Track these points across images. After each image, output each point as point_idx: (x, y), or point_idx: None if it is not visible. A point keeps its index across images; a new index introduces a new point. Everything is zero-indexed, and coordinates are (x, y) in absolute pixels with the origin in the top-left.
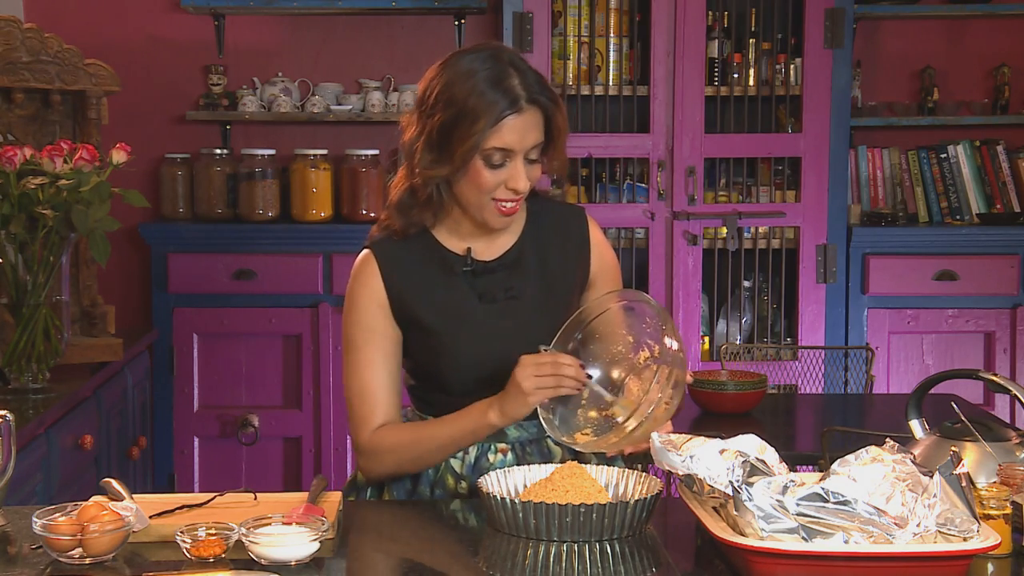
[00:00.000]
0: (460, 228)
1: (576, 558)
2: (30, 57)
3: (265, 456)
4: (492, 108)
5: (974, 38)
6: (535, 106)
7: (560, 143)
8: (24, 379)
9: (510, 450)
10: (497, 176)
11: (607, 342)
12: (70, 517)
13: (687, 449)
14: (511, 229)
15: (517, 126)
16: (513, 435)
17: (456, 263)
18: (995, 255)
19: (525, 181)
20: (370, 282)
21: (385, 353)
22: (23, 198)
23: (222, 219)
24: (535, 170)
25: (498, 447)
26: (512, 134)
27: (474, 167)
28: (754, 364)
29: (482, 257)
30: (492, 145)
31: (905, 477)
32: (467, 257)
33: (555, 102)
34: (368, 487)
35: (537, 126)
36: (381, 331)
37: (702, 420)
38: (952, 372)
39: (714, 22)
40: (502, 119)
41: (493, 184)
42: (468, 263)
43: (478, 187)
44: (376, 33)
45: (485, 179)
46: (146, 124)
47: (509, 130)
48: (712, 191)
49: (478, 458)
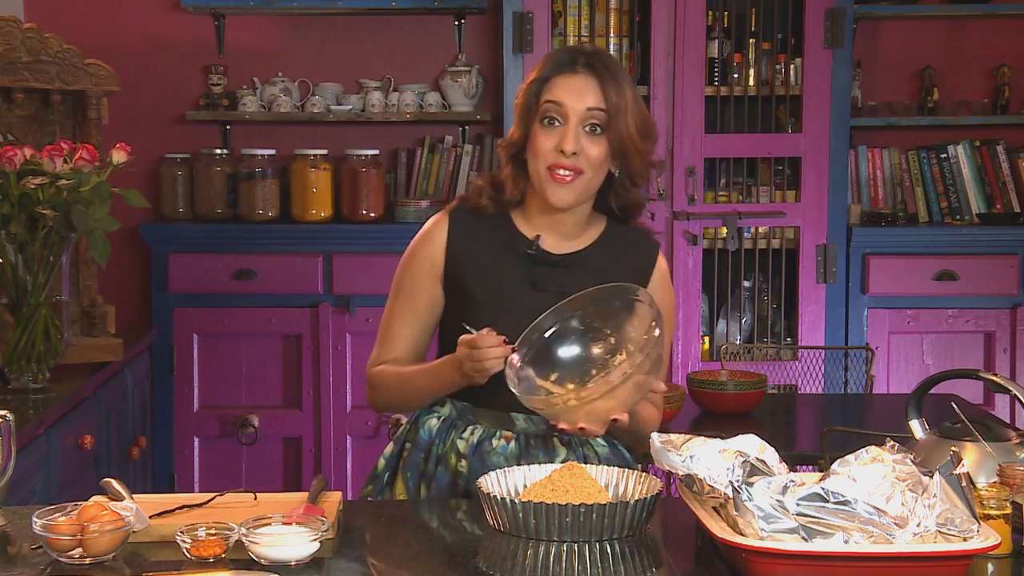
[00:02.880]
0: (534, 217)
1: (576, 558)
2: (30, 57)
3: (265, 456)
4: (550, 66)
5: (974, 38)
6: (590, 71)
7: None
8: (24, 379)
9: (514, 439)
10: (551, 138)
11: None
12: (70, 517)
13: (687, 449)
14: (586, 234)
15: (570, 84)
16: (521, 426)
17: (522, 244)
18: (995, 255)
19: (573, 143)
20: (433, 242)
21: (417, 310)
22: (23, 198)
23: (222, 219)
24: (593, 144)
25: (503, 434)
26: (564, 90)
27: (534, 130)
28: (754, 364)
29: (550, 249)
30: (548, 99)
31: (905, 477)
32: (534, 242)
33: (614, 76)
34: (386, 472)
35: (593, 91)
36: (422, 290)
37: (702, 420)
38: (952, 372)
39: (714, 22)
40: (555, 75)
41: (548, 148)
42: (533, 247)
43: (536, 153)
44: (376, 33)
45: (541, 141)
46: (146, 124)
47: (562, 86)
48: (712, 191)
49: (481, 441)
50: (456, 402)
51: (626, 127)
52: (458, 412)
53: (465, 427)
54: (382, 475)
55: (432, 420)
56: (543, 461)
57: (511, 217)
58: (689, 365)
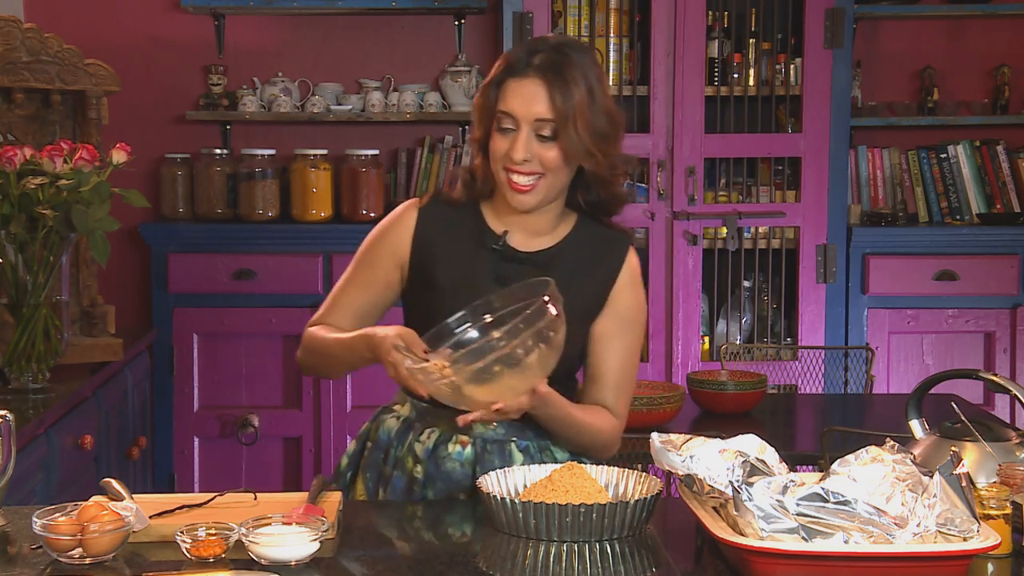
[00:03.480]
0: (503, 212)
1: (576, 558)
2: (30, 57)
3: (265, 456)
4: (503, 66)
5: (974, 38)
6: (539, 76)
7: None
8: (24, 379)
9: (471, 444)
10: (505, 143)
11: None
12: (70, 517)
13: (687, 449)
14: (555, 231)
15: (518, 91)
16: (479, 430)
17: (489, 238)
18: (995, 255)
19: (521, 151)
20: (400, 227)
21: (368, 284)
22: (23, 198)
23: (222, 219)
24: (545, 149)
25: (460, 438)
26: (514, 99)
27: (492, 132)
28: (754, 364)
29: (517, 246)
30: (500, 108)
31: (905, 477)
32: (501, 237)
33: (564, 80)
34: (348, 471)
35: (541, 98)
36: (380, 266)
37: (702, 420)
38: (952, 372)
39: (714, 22)
40: (506, 79)
41: (502, 152)
42: (499, 243)
43: (494, 156)
44: (376, 33)
45: (496, 145)
46: (146, 124)
47: (512, 94)
48: (712, 191)
49: (437, 445)
50: (416, 402)
51: (576, 131)
52: (417, 413)
53: (423, 430)
54: (344, 474)
55: (391, 420)
56: (499, 466)
57: (481, 210)
58: (689, 365)
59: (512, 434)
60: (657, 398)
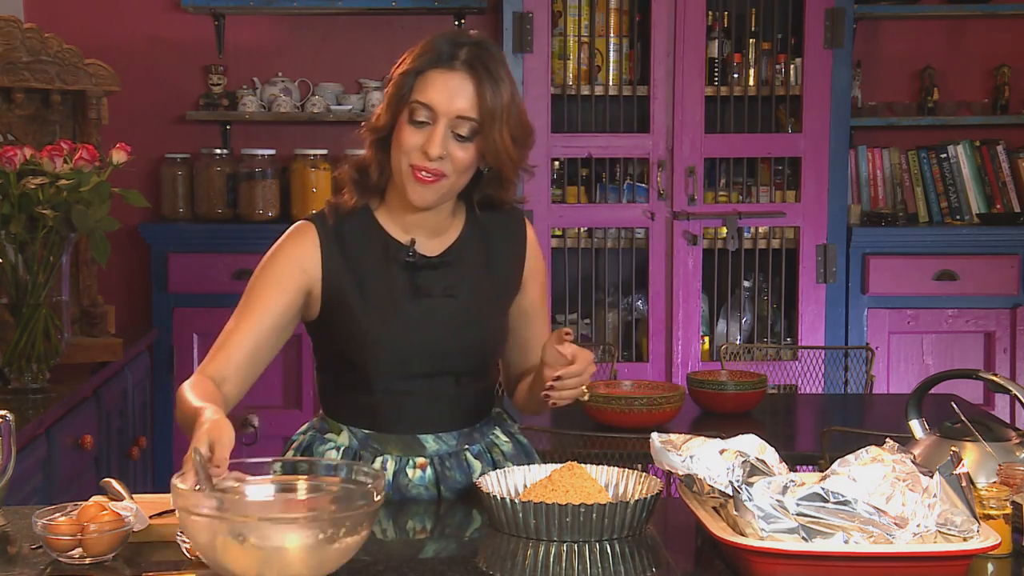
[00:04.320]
0: (401, 216)
1: (576, 558)
2: (30, 57)
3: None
4: (426, 57)
5: (974, 38)
6: (468, 71)
7: (493, 128)
8: (24, 379)
9: (429, 465)
10: (417, 136)
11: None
12: (70, 517)
13: (687, 449)
14: (453, 225)
15: (443, 83)
16: (432, 448)
17: (398, 251)
18: (995, 255)
19: (439, 147)
20: (304, 247)
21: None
22: (23, 198)
23: (222, 219)
24: (460, 149)
25: (416, 462)
26: (436, 92)
27: (400, 122)
28: (754, 364)
29: (423, 251)
30: (416, 98)
31: (905, 477)
32: (411, 248)
33: (493, 78)
34: None
35: (466, 95)
36: (281, 294)
37: (702, 420)
38: (952, 372)
39: (714, 22)
40: (429, 69)
41: (412, 144)
42: (411, 254)
43: (399, 145)
44: (376, 33)
45: (406, 137)
46: (146, 124)
47: (434, 85)
48: (712, 191)
49: (396, 473)
50: (355, 430)
51: (499, 134)
52: (360, 441)
53: (373, 458)
54: None
55: (331, 452)
56: (460, 480)
57: (376, 219)
58: (689, 365)
59: (463, 442)
60: (657, 398)
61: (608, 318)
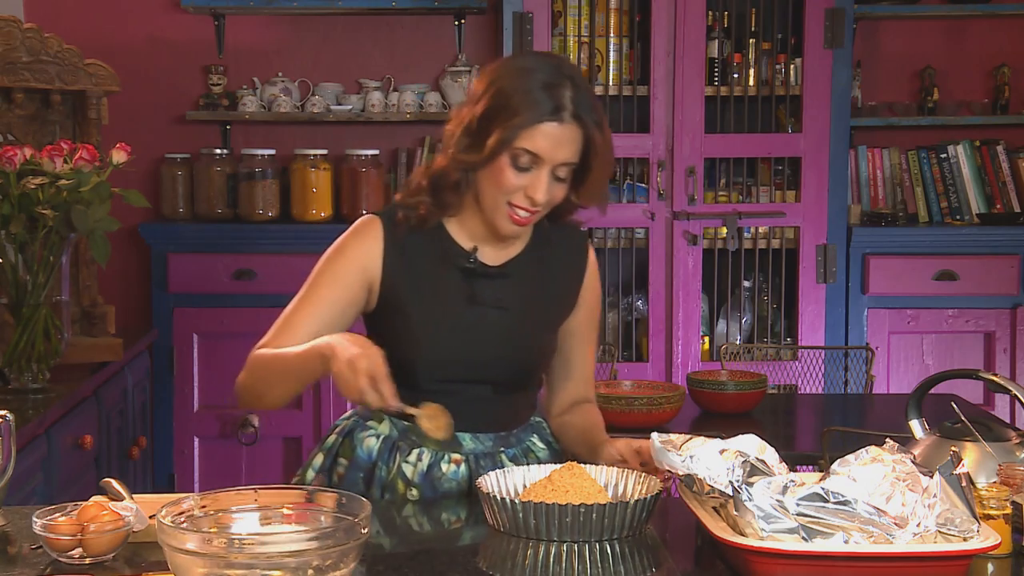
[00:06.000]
0: (471, 226)
1: (576, 558)
2: (30, 57)
3: (265, 456)
4: (534, 108)
5: (974, 38)
6: (577, 123)
7: (597, 171)
8: (24, 379)
9: (464, 461)
10: (519, 180)
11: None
12: (70, 517)
13: (687, 449)
14: (519, 239)
15: (553, 135)
16: (469, 446)
17: (459, 257)
18: (995, 255)
19: (545, 194)
20: (368, 243)
21: (327, 305)
22: (23, 198)
23: (222, 219)
24: (559, 189)
25: (452, 457)
26: (546, 141)
27: (500, 163)
28: (754, 364)
29: (485, 260)
30: (523, 146)
31: (905, 477)
32: (472, 255)
33: (600, 127)
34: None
35: (573, 143)
36: (343, 287)
37: (702, 420)
38: (952, 372)
39: (714, 22)
40: (540, 122)
41: (513, 187)
42: (471, 260)
43: (498, 185)
44: (376, 33)
45: (507, 178)
46: (146, 124)
47: (544, 136)
48: (712, 191)
49: (431, 466)
50: (396, 421)
51: (599, 177)
52: (399, 432)
53: (410, 450)
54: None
55: (371, 439)
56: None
57: (444, 225)
58: (689, 365)
59: (499, 444)
60: (657, 398)
61: (608, 318)
